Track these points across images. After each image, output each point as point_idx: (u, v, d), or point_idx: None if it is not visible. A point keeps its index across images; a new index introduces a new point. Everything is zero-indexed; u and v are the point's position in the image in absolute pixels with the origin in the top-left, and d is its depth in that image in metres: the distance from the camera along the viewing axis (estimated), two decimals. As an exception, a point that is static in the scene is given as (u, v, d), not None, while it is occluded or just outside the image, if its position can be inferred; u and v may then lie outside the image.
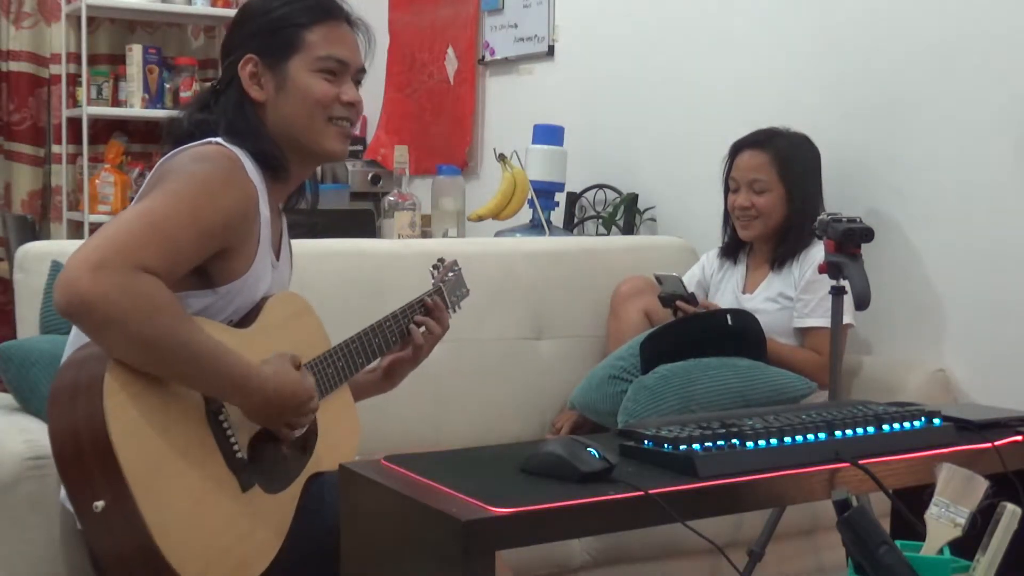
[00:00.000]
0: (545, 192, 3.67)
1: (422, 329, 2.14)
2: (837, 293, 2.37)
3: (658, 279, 2.80)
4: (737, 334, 2.66)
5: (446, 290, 2.23)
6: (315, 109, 1.91)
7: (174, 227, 1.68)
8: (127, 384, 1.62)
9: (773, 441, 1.62)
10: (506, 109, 4.41)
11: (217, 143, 1.84)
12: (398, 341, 2.12)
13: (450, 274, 2.28)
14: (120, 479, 1.58)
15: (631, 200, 3.66)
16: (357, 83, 1.99)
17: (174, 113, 2.01)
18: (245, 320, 1.85)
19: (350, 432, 2.01)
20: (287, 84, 1.91)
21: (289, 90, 1.91)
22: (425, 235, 3.65)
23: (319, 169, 4.61)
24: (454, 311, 2.26)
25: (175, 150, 1.84)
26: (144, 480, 1.60)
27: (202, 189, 1.74)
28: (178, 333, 1.64)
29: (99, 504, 1.59)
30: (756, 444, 1.60)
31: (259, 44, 1.92)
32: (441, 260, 2.30)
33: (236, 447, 1.75)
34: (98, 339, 1.64)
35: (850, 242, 2.34)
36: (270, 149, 1.90)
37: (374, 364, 2.13)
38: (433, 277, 2.26)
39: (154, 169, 1.84)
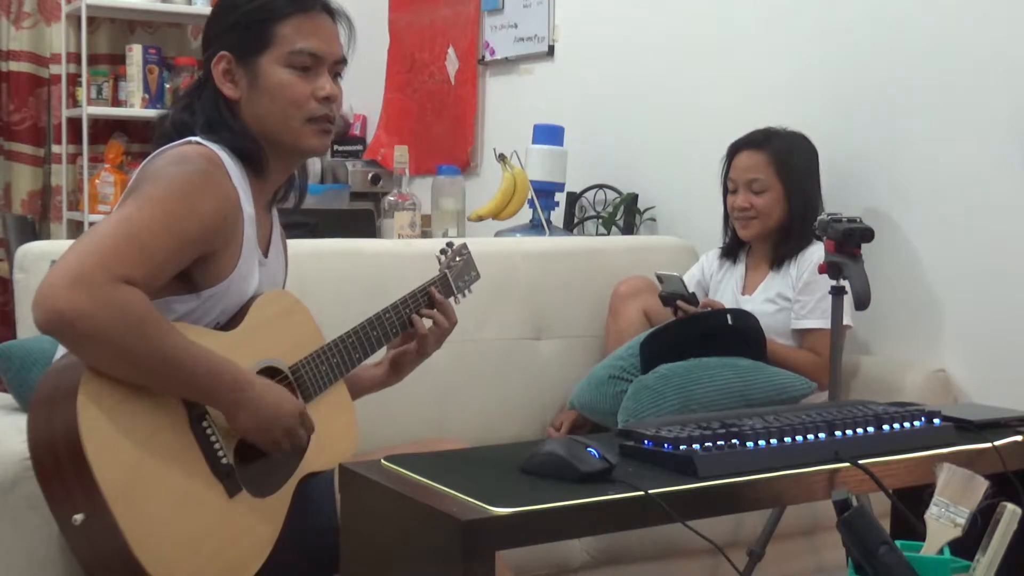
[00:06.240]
0: (545, 192, 3.67)
1: (428, 323, 2.09)
2: (837, 293, 2.37)
3: (659, 278, 2.81)
4: (737, 334, 2.66)
5: (453, 275, 2.19)
6: (289, 109, 1.87)
7: (151, 237, 1.66)
8: (102, 397, 1.61)
9: (773, 441, 1.62)
10: (506, 109, 4.41)
11: (196, 142, 1.82)
12: (399, 332, 2.08)
13: (458, 258, 2.24)
14: (97, 493, 1.58)
15: (631, 200, 3.66)
16: (337, 75, 1.94)
17: (163, 111, 1.98)
18: (232, 322, 1.83)
19: (345, 431, 1.99)
20: (259, 81, 1.87)
21: (261, 88, 1.87)
22: (425, 235, 3.65)
23: (319, 169, 4.68)
24: (463, 296, 2.23)
25: (156, 151, 1.82)
26: (122, 493, 1.60)
27: (179, 195, 1.72)
28: (159, 344, 1.63)
29: (78, 517, 1.59)
30: (756, 444, 1.60)
31: (231, 40, 1.88)
32: (450, 244, 2.27)
33: (221, 453, 1.74)
34: (79, 353, 1.63)
35: (850, 242, 2.34)
36: (248, 146, 1.86)
37: (378, 358, 2.11)
38: (440, 263, 2.22)
39: (136, 172, 1.82)
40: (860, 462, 1.63)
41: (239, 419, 1.74)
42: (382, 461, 1.61)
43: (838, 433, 1.69)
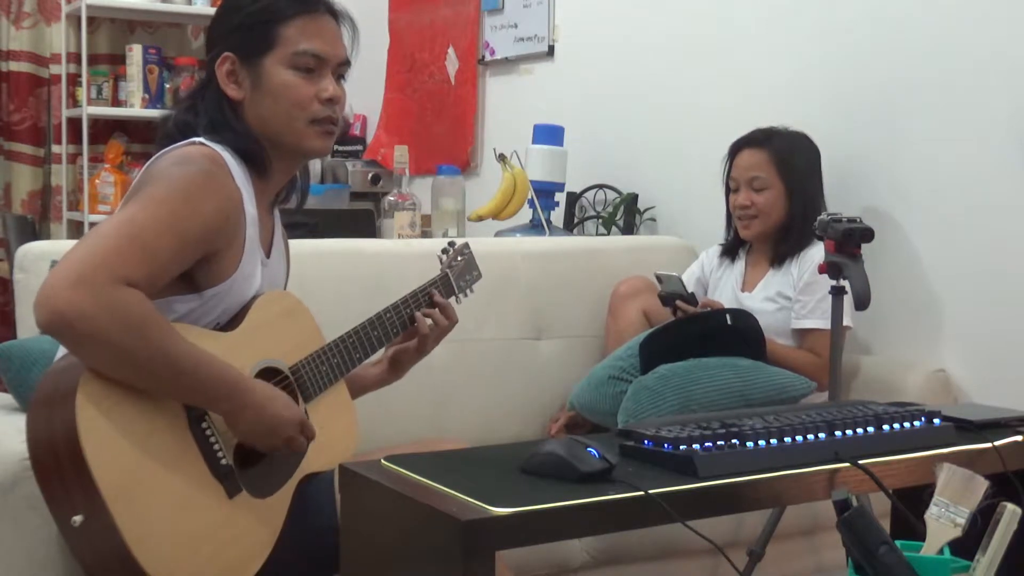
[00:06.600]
0: (545, 192, 3.67)
1: (428, 321, 2.10)
2: (837, 293, 2.37)
3: (658, 278, 2.81)
4: (737, 334, 2.66)
5: (454, 275, 2.19)
6: (293, 110, 1.87)
7: (153, 238, 1.66)
8: (101, 398, 1.61)
9: (773, 441, 1.62)
10: (506, 109, 4.41)
11: (200, 143, 1.82)
12: (399, 332, 2.08)
13: (459, 258, 2.24)
14: (96, 494, 1.58)
15: (631, 200, 3.66)
16: (340, 76, 1.94)
17: (166, 112, 1.98)
18: (232, 322, 1.82)
19: (345, 431, 1.99)
20: (263, 82, 1.87)
21: (265, 89, 1.87)
22: (425, 235, 3.65)
23: (320, 169, 4.68)
24: (464, 295, 2.23)
25: (159, 152, 1.82)
26: (121, 494, 1.60)
27: (182, 196, 1.71)
28: (159, 346, 1.63)
29: (77, 519, 1.59)
30: (756, 444, 1.60)
31: (235, 41, 1.88)
32: (451, 244, 2.27)
33: (220, 454, 1.74)
34: (80, 354, 1.62)
35: (850, 242, 2.34)
36: (251, 147, 1.86)
37: (378, 356, 2.11)
38: (441, 263, 2.22)
39: (139, 173, 1.82)
40: (860, 462, 1.63)
41: (239, 425, 1.74)
42: (382, 461, 1.61)
43: (838, 433, 1.69)
